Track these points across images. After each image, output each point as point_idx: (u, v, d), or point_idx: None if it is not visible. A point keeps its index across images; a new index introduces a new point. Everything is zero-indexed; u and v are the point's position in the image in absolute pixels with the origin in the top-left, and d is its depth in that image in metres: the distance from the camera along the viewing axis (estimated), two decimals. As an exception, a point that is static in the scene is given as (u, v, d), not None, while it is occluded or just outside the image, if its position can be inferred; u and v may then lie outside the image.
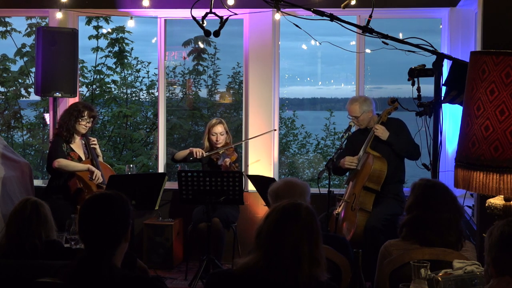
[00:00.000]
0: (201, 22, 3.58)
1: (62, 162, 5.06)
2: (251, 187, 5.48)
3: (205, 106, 9.85)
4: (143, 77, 9.45)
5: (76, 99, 5.94)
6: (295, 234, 2.20)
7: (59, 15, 5.96)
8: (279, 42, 6.14)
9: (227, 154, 5.54)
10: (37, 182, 5.97)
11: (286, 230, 2.21)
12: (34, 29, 8.41)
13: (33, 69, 7.19)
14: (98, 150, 5.34)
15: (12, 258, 2.97)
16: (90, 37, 8.61)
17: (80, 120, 5.17)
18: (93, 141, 5.29)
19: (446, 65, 4.01)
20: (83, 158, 5.22)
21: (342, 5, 4.23)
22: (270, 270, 2.18)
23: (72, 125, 5.16)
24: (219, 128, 5.61)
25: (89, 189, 5.01)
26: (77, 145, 5.28)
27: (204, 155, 5.55)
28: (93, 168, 5.04)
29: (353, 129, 5.27)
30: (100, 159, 5.34)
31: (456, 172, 2.52)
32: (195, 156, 5.53)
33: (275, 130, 5.85)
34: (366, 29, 3.55)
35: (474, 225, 4.63)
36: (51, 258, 2.97)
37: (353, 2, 5.40)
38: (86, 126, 5.21)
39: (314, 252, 2.21)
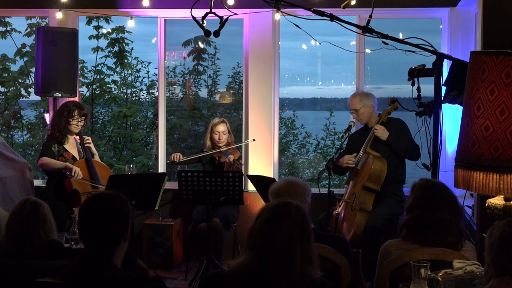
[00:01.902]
0: (201, 22, 3.58)
1: (44, 160, 5.07)
2: (251, 187, 5.48)
3: (205, 106, 9.85)
4: (143, 77, 9.47)
5: (76, 99, 5.93)
6: (285, 233, 2.21)
7: (59, 15, 5.96)
8: (279, 42, 6.14)
9: (230, 152, 5.54)
10: (37, 182, 5.97)
11: (276, 229, 2.22)
12: (34, 29, 8.42)
13: (33, 69, 7.19)
14: (93, 149, 5.31)
15: (12, 258, 2.97)
16: (90, 37, 8.63)
17: (71, 120, 5.15)
18: (87, 139, 5.26)
19: (446, 65, 4.01)
20: (78, 158, 5.21)
21: (342, 5, 4.23)
22: (263, 269, 2.19)
23: (63, 125, 5.15)
24: (221, 127, 5.62)
25: (84, 190, 5.00)
26: (71, 145, 5.26)
27: (181, 159, 5.54)
28: (71, 166, 5.00)
29: (353, 129, 5.28)
30: (96, 157, 5.32)
31: (456, 172, 2.52)
32: (172, 159, 5.54)
33: (254, 140, 5.82)
34: (366, 29, 3.55)
35: (474, 225, 4.63)
36: (51, 258, 2.97)
37: (353, 2, 5.40)
38: (78, 125, 5.18)
39: (306, 250, 2.22)
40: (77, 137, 5.28)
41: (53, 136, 5.18)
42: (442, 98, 3.68)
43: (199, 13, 3.58)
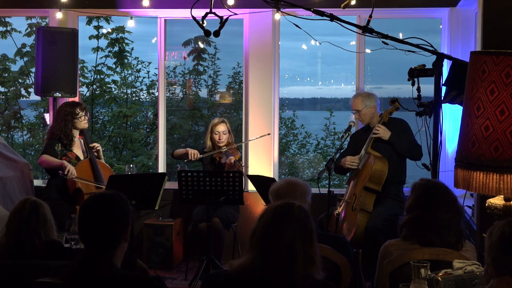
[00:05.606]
0: (201, 22, 3.58)
1: (43, 157, 5.09)
2: (251, 187, 5.48)
3: (205, 106, 9.86)
4: (143, 77, 9.47)
5: (76, 99, 5.93)
6: (288, 234, 2.21)
7: (59, 15, 5.96)
8: (279, 42, 6.14)
9: (231, 153, 5.54)
10: (37, 182, 5.98)
11: (279, 230, 2.22)
12: (34, 29, 8.42)
13: (33, 69, 7.19)
14: (101, 154, 5.35)
15: (12, 258, 2.97)
16: (90, 37, 8.62)
17: (78, 120, 5.18)
18: (97, 146, 5.30)
19: (446, 65, 4.01)
20: (82, 158, 5.22)
21: (342, 5, 4.23)
22: (265, 270, 2.19)
23: (70, 128, 5.16)
24: (222, 127, 5.61)
25: (87, 190, 4.99)
26: (76, 146, 5.27)
27: (198, 157, 5.54)
28: (66, 164, 4.99)
29: (353, 129, 5.28)
30: (102, 161, 5.34)
31: (456, 172, 2.52)
32: (190, 157, 5.53)
33: (269, 134, 5.83)
34: (366, 29, 3.56)
35: (474, 225, 4.63)
36: (51, 258, 2.97)
37: (353, 2, 5.40)
38: (85, 120, 5.24)
39: (308, 251, 2.22)
40: (81, 137, 5.29)
41: (56, 138, 5.17)
42: (442, 98, 3.69)
43: (199, 13, 3.58)
